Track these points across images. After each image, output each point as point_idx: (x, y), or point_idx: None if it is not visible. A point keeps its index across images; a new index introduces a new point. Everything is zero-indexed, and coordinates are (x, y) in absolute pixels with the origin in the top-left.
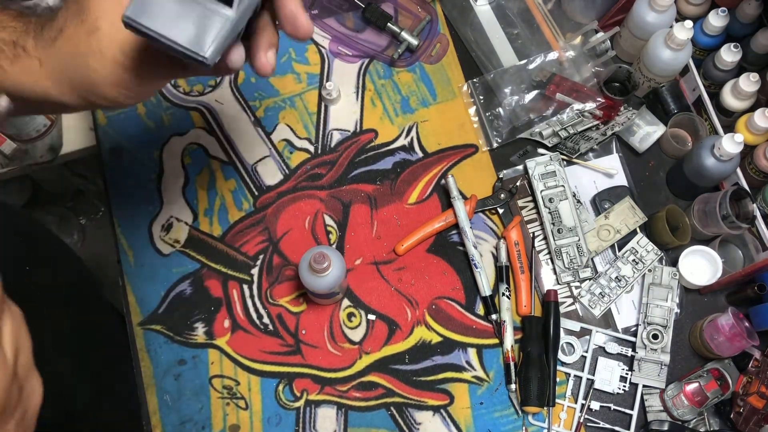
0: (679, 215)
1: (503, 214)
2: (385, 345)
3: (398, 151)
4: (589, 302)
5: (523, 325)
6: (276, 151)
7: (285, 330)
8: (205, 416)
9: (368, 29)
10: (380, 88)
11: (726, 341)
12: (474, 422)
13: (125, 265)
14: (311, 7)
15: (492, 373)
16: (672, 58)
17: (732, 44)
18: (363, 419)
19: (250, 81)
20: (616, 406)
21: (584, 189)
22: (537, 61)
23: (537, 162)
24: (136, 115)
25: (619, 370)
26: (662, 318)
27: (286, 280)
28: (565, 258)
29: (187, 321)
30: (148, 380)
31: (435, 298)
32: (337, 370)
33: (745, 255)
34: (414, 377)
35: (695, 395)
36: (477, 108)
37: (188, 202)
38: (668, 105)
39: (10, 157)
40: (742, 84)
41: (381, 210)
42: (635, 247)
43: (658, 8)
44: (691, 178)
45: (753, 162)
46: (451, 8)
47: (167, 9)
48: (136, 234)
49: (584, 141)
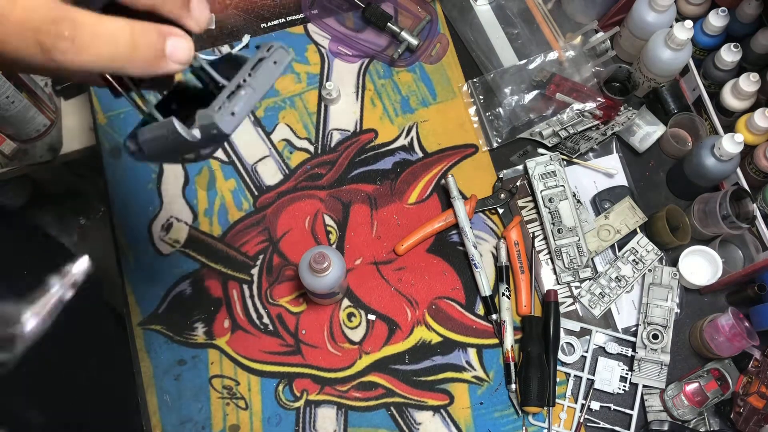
0: (679, 215)
1: (503, 214)
2: (385, 345)
3: (398, 151)
4: (589, 302)
5: (523, 325)
6: (276, 151)
7: (285, 330)
8: (204, 416)
9: (368, 29)
10: (380, 88)
11: (726, 341)
12: (474, 422)
13: (125, 265)
14: (311, 7)
15: (492, 373)
16: (672, 58)
17: (732, 44)
18: (363, 419)
19: None
20: (616, 406)
21: (584, 189)
22: (537, 61)
23: (537, 162)
24: (137, 115)
25: (619, 370)
26: (662, 318)
27: (286, 280)
28: (565, 258)
29: (187, 321)
30: (148, 380)
31: (435, 298)
32: (337, 370)
33: (745, 255)
34: (414, 377)
35: (695, 395)
36: (477, 108)
37: (188, 202)
38: (668, 105)
39: (10, 156)
40: (742, 84)
41: (381, 210)
42: (635, 247)
43: (658, 8)
44: (691, 178)
45: (753, 162)
46: (451, 8)
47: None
48: (136, 234)
49: (584, 141)
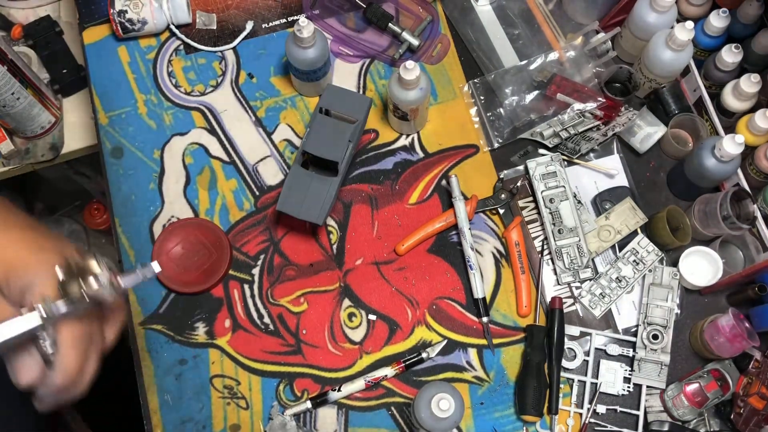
0: (680, 216)
1: (504, 214)
2: (385, 345)
3: (399, 151)
4: (590, 303)
5: (526, 334)
6: (277, 151)
7: (286, 330)
8: (205, 416)
9: (369, 29)
10: (381, 88)
11: (726, 342)
12: (474, 422)
13: (126, 265)
14: (312, 7)
15: (492, 373)
16: (673, 58)
17: (733, 45)
18: (363, 419)
19: (251, 81)
20: (622, 408)
21: (585, 189)
22: (538, 62)
23: (538, 162)
24: (138, 115)
25: (622, 371)
26: (662, 318)
27: (287, 280)
28: (565, 258)
29: (188, 321)
30: (149, 380)
31: (436, 298)
32: (338, 370)
33: (746, 256)
34: (414, 377)
35: (695, 396)
36: (478, 108)
37: (189, 202)
38: (669, 106)
39: (7, 156)
40: (743, 85)
41: (382, 210)
42: (636, 248)
43: (659, 9)
44: (692, 178)
45: (754, 163)
46: (452, 8)
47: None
48: (137, 233)
49: (585, 141)
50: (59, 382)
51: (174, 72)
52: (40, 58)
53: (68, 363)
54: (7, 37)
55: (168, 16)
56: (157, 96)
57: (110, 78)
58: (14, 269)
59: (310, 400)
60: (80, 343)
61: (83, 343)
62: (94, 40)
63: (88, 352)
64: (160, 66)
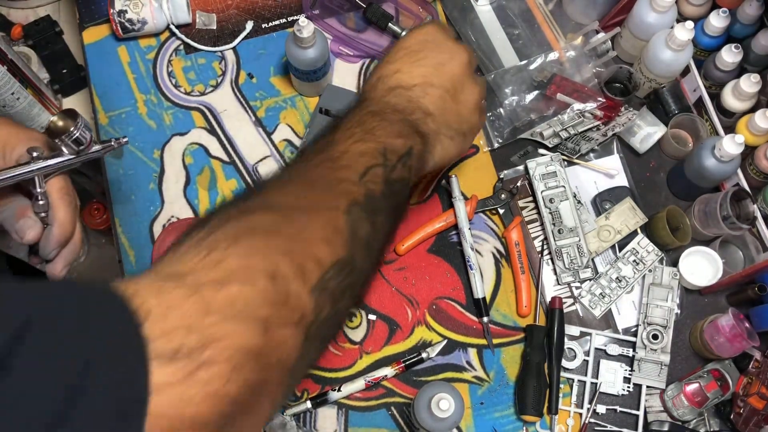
0: (680, 216)
1: (504, 214)
2: (385, 345)
3: None
4: (590, 303)
5: (525, 334)
6: (277, 151)
7: None
8: None
9: (369, 29)
10: None
11: (726, 342)
12: (474, 422)
13: (126, 265)
14: (312, 7)
15: (492, 373)
16: (673, 58)
17: (733, 45)
18: (363, 419)
19: (250, 81)
20: (621, 408)
21: (585, 189)
22: (538, 62)
23: (538, 162)
24: (137, 115)
25: (622, 371)
26: (662, 318)
27: None
28: (565, 258)
29: None
30: None
31: (436, 298)
32: (338, 370)
33: (746, 256)
34: (414, 377)
35: (695, 396)
36: None
37: (189, 202)
38: (669, 106)
39: None
40: (743, 85)
41: None
42: (636, 248)
43: (659, 9)
44: (692, 178)
45: (753, 163)
46: (452, 8)
47: None
48: (137, 234)
49: (585, 141)
50: (57, 233)
51: (174, 72)
52: (39, 58)
53: (62, 215)
54: (7, 37)
55: (168, 16)
56: (157, 96)
57: (110, 78)
58: (9, 143)
59: (309, 399)
60: (67, 195)
61: (70, 196)
62: (94, 40)
63: (73, 204)
64: (160, 66)
